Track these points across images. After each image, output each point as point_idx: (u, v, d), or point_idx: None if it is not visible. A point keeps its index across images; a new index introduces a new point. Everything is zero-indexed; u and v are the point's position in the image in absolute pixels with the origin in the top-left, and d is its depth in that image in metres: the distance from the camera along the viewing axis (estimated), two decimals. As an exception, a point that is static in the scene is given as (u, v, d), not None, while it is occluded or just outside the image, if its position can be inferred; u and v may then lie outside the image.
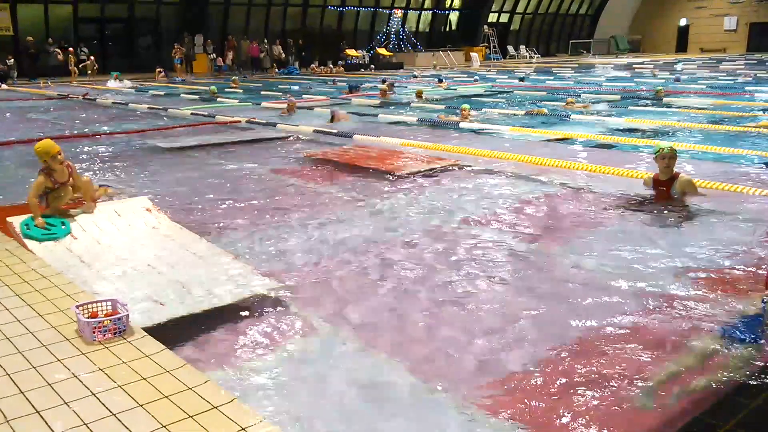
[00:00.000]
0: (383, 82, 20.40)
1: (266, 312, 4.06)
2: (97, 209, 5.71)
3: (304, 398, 3.09)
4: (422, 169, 8.21)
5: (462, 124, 12.19)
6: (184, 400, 2.81)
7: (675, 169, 6.29)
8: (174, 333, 3.71)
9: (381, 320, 3.97)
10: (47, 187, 5.41)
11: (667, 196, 6.22)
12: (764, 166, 8.05)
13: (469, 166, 8.47)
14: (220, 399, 2.82)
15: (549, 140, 10.57)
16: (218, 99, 18.45)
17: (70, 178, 5.54)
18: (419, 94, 17.25)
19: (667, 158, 6.17)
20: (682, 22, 50.26)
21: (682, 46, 50.31)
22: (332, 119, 13.17)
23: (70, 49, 27.69)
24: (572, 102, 14.90)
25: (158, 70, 28.68)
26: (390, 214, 6.27)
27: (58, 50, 27.77)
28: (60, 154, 5.36)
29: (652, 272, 4.59)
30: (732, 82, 21.55)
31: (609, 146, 9.98)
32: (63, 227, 5.27)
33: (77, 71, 27.32)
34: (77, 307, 3.52)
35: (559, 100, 16.60)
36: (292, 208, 6.54)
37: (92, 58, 28.13)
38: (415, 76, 26.82)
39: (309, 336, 3.75)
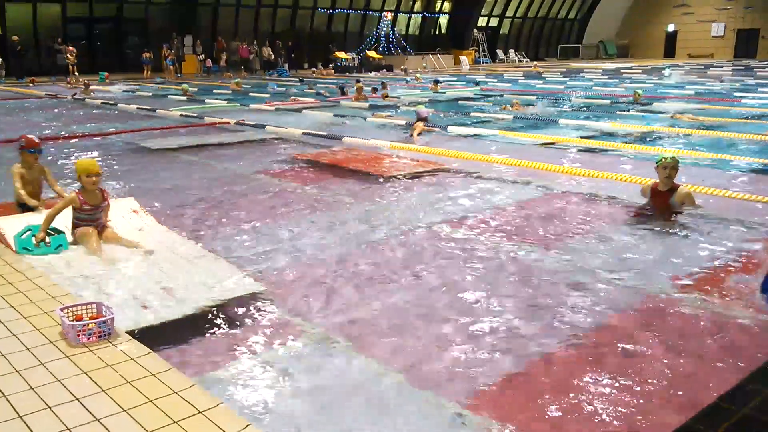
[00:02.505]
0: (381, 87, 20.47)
1: (253, 314, 4.03)
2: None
3: (291, 402, 3.07)
4: (410, 172, 8.21)
5: (450, 129, 12.19)
6: (169, 405, 2.78)
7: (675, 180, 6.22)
8: (160, 336, 3.68)
9: (369, 322, 3.95)
10: (74, 207, 5.12)
11: (665, 206, 6.18)
12: (752, 172, 8.13)
13: (457, 169, 8.48)
14: (205, 403, 2.79)
15: (538, 144, 10.61)
16: (206, 101, 18.38)
17: (105, 203, 5.25)
18: (384, 96, 17.93)
19: (669, 168, 6.10)
20: (670, 27, 50.60)
21: (670, 51, 50.65)
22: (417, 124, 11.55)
23: (70, 48, 27.24)
24: (517, 104, 15.91)
25: (146, 54, 28.65)
26: (377, 217, 6.26)
27: (67, 47, 27.23)
28: (96, 176, 5.11)
29: (644, 277, 4.61)
30: (719, 87, 21.72)
31: (598, 150, 10.02)
32: (60, 246, 4.97)
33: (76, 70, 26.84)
34: (62, 309, 3.48)
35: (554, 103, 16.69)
36: (280, 210, 6.51)
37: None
38: (412, 80, 26.74)
39: (296, 339, 3.72)
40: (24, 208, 5.84)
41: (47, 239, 4.96)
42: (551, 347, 3.60)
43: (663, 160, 6.15)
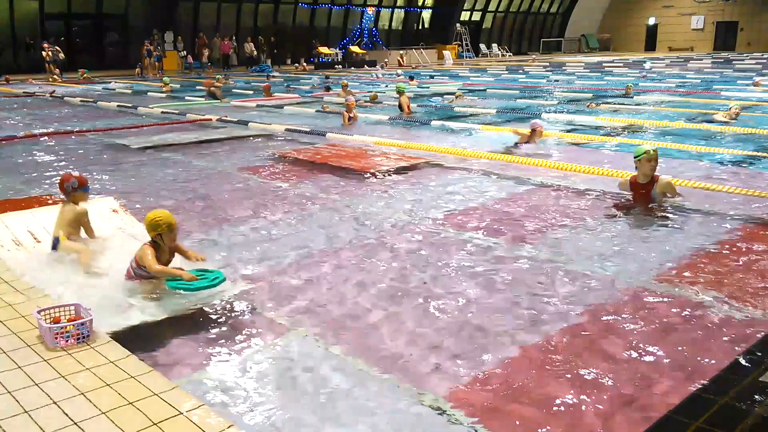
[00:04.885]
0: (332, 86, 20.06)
1: (235, 315, 3.98)
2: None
3: (275, 402, 3.03)
4: (394, 167, 8.18)
5: (434, 123, 12.20)
6: (149, 407, 2.74)
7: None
8: (140, 337, 3.63)
9: (353, 320, 3.92)
10: (142, 264, 4.28)
11: (646, 198, 6.20)
12: (731, 164, 8.20)
13: (442, 164, 8.47)
14: (187, 405, 2.76)
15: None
16: (186, 97, 18.23)
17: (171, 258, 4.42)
18: (344, 86, 17.70)
19: (653, 160, 6.10)
20: (651, 21, 50.94)
21: (651, 44, 51.00)
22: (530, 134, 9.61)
23: (46, 45, 26.74)
24: (460, 95, 16.55)
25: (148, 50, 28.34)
26: (361, 213, 6.23)
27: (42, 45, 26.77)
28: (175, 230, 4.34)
29: (625, 269, 4.63)
30: (699, 80, 21.90)
31: (581, 144, 10.06)
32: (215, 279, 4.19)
33: (57, 69, 26.28)
34: (39, 312, 3.42)
35: (535, 97, 16.74)
36: (263, 208, 6.46)
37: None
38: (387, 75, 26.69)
39: (279, 338, 3.69)
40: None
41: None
42: (532, 340, 3.61)
43: (647, 153, 6.13)
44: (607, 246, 5.19)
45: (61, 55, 26.74)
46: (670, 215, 5.93)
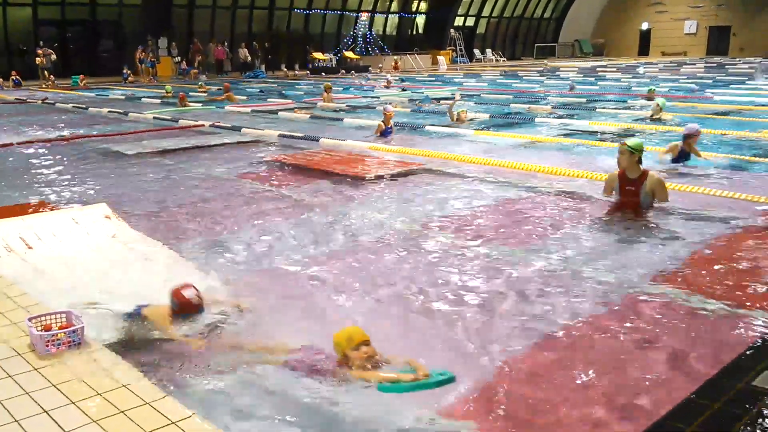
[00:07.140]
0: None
1: (228, 323, 3.96)
2: (54, 216, 5.54)
3: (267, 413, 3.02)
4: (389, 173, 8.18)
5: (428, 128, 12.22)
6: (140, 416, 2.72)
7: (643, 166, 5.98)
8: (132, 345, 3.61)
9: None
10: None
11: (635, 196, 5.94)
12: (722, 168, 8.22)
13: (434, 169, 8.47)
14: (178, 414, 2.74)
15: (516, 144, 10.63)
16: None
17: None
18: (327, 89, 17.77)
19: (627, 153, 5.82)
20: (644, 26, 51.21)
21: (644, 49, 51.26)
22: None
23: (39, 51, 26.68)
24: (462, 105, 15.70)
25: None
26: (356, 219, 6.22)
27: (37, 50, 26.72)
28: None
29: (619, 274, 4.63)
30: (692, 84, 22.00)
31: (575, 149, 10.07)
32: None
33: (50, 75, 26.16)
34: (30, 319, 3.39)
35: (526, 102, 16.80)
36: (256, 214, 6.44)
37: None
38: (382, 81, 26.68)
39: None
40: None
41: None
42: (523, 346, 3.60)
43: (623, 144, 5.92)
44: (598, 250, 5.19)
45: (53, 56, 26.67)
46: (659, 218, 5.92)
